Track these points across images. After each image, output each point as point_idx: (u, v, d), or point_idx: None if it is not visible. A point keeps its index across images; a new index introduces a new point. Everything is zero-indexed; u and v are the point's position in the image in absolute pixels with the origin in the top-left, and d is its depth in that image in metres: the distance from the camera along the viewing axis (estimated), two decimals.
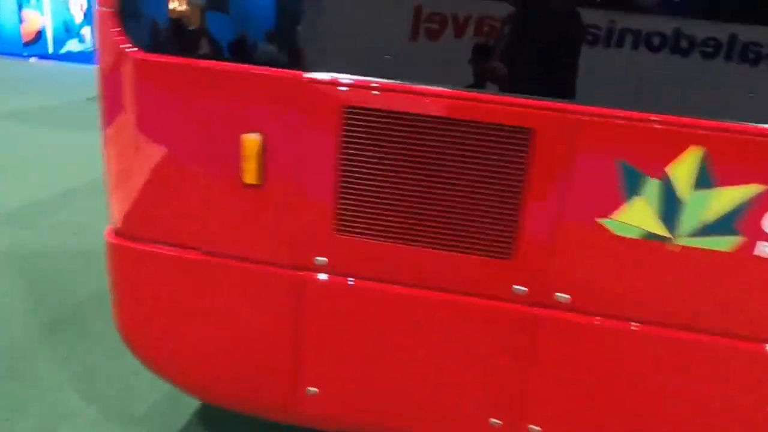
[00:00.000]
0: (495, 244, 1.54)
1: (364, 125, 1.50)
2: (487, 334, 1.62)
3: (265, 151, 1.57)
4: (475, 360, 1.65)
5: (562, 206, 1.49)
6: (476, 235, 1.54)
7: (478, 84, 1.46)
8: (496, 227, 1.53)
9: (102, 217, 4.48)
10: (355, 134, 1.52)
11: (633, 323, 1.55)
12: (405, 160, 1.51)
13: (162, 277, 1.78)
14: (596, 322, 1.57)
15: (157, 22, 1.58)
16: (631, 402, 1.60)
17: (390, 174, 1.53)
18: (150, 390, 2.59)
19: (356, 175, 1.55)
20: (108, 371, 2.71)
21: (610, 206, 1.46)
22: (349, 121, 1.51)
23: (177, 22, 1.57)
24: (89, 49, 16.92)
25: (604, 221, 1.48)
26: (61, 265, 3.71)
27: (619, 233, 1.48)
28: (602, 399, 1.61)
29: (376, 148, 1.52)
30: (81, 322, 3.08)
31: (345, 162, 1.54)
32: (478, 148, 1.48)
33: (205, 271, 1.73)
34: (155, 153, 1.66)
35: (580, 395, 1.63)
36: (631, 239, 1.48)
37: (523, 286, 1.57)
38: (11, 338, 2.89)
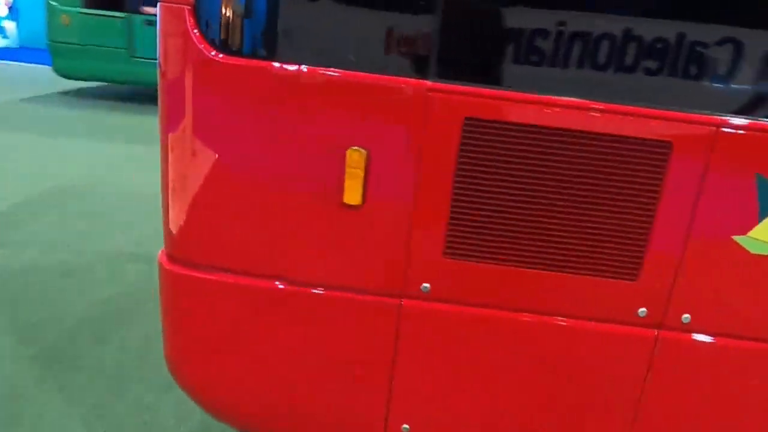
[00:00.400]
0: (621, 265, 1.44)
1: (486, 138, 1.36)
2: (605, 360, 1.52)
3: (369, 168, 1.40)
4: (591, 387, 1.55)
5: (694, 224, 1.40)
6: (601, 256, 1.44)
7: (613, 95, 1.35)
8: (623, 247, 1.43)
9: (70, 229, 4.10)
10: (475, 148, 1.37)
11: (756, 342, 1.49)
12: (528, 176, 1.39)
13: (234, 309, 1.56)
14: (717, 343, 1.50)
15: (247, 22, 1.37)
16: (754, 425, 1.55)
17: (511, 191, 1.40)
18: (175, 428, 2.34)
19: (473, 192, 1.41)
20: (118, 409, 2.41)
21: (745, 223, 1.40)
22: (469, 134, 1.37)
23: (271, 21, 1.37)
24: (14, 46, 15.71)
25: (738, 238, 1.41)
26: (40, 285, 3.33)
27: (752, 250, 1.41)
28: (722, 421, 1.55)
29: (498, 163, 1.38)
30: (76, 351, 2.76)
31: (461, 178, 1.40)
32: (610, 163, 1.37)
33: (289, 301, 1.53)
34: (234, 168, 1.45)
35: (699, 417, 1.56)
36: (762, 256, 1.42)
37: (646, 308, 1.48)
38: (5, 376, 2.54)
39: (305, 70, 1.36)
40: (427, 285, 1.49)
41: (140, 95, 9.75)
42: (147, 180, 5.43)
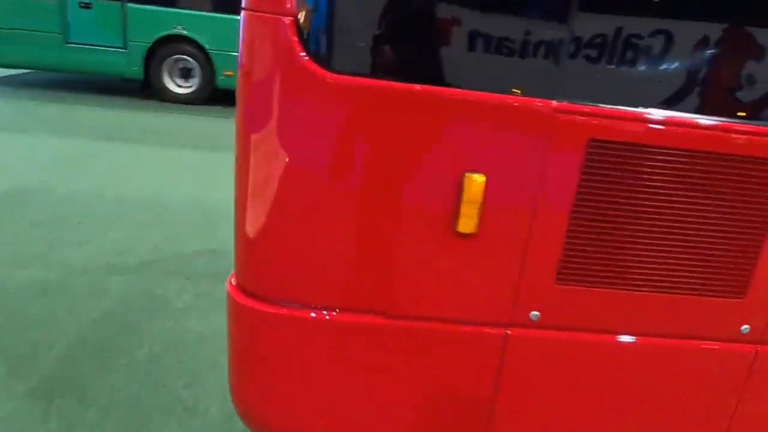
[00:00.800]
0: (732, 283, 1.43)
1: (610, 160, 1.30)
2: (705, 377, 1.52)
3: (486, 193, 1.31)
4: (691, 405, 1.54)
5: None
6: (715, 275, 1.42)
7: (737, 114, 1.32)
8: (736, 265, 1.41)
9: (34, 240, 3.73)
10: (598, 170, 1.31)
11: None
12: (648, 197, 1.34)
13: (324, 348, 1.43)
14: None
15: (359, 37, 1.22)
16: None
17: (630, 213, 1.35)
18: None
19: (592, 216, 1.34)
20: None
21: None
22: (593, 156, 1.30)
23: (385, 37, 1.23)
24: None
25: None
26: (15, 308, 3.00)
27: None
28: None
29: (619, 185, 1.32)
30: (78, 381, 2.50)
31: (581, 202, 1.33)
32: (728, 183, 1.34)
33: (387, 336, 1.42)
34: (334, 194, 1.31)
35: None
36: None
37: (749, 324, 1.48)
38: (3, 418, 2.26)
39: (421, 89, 1.24)
40: (536, 313, 1.42)
41: (75, 84, 9.06)
42: (109, 179, 5.06)
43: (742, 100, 1.32)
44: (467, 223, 1.31)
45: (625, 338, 1.46)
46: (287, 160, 1.29)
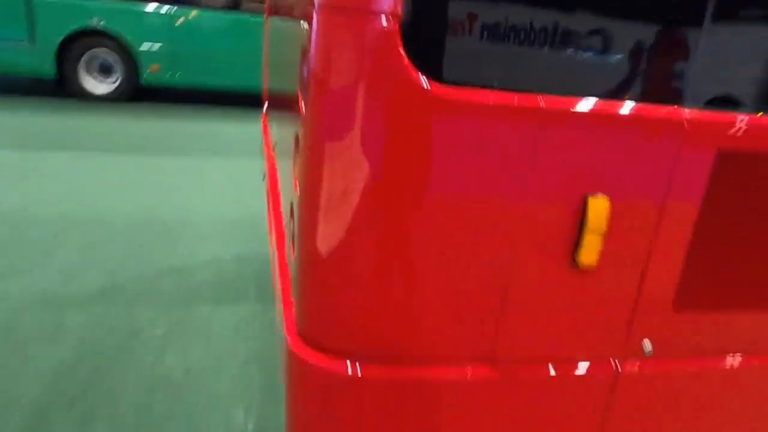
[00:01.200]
0: None
1: (738, 173, 1.17)
2: None
3: (610, 218, 1.14)
4: None
5: None
6: None
7: None
8: None
9: None
10: (725, 184, 1.17)
11: None
12: None
13: (420, 407, 1.22)
14: None
15: (473, 44, 1.00)
16: None
17: (759, 229, 1.23)
18: None
19: (716, 235, 1.21)
20: None
21: None
22: (720, 169, 1.16)
23: (503, 44, 1.01)
24: None
25: None
26: None
27: None
28: None
29: (748, 201, 1.20)
30: None
31: (705, 220, 1.19)
32: None
33: (493, 386, 1.23)
34: (433, 226, 1.09)
35: None
36: None
37: None
38: None
39: (543, 103, 1.04)
40: (650, 343, 1.28)
41: None
42: (38, 194, 4.48)
43: None
44: (590, 254, 1.14)
45: (751, 359, 1.36)
46: (382, 191, 1.05)
